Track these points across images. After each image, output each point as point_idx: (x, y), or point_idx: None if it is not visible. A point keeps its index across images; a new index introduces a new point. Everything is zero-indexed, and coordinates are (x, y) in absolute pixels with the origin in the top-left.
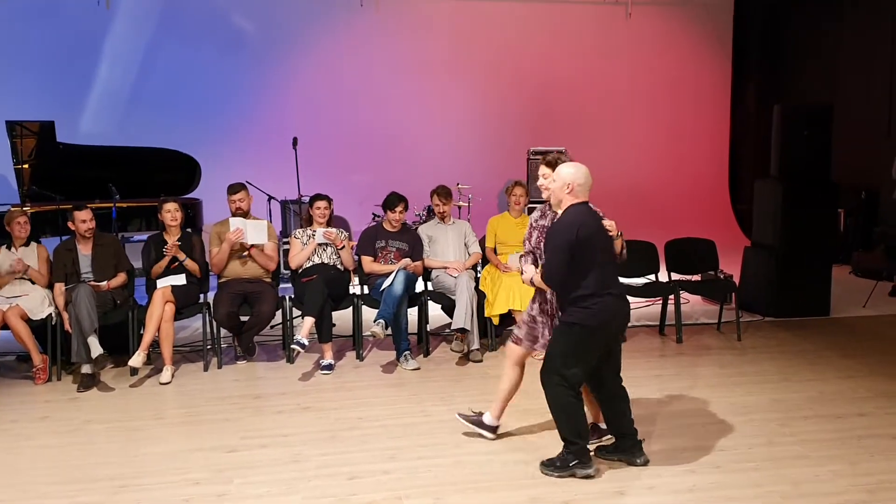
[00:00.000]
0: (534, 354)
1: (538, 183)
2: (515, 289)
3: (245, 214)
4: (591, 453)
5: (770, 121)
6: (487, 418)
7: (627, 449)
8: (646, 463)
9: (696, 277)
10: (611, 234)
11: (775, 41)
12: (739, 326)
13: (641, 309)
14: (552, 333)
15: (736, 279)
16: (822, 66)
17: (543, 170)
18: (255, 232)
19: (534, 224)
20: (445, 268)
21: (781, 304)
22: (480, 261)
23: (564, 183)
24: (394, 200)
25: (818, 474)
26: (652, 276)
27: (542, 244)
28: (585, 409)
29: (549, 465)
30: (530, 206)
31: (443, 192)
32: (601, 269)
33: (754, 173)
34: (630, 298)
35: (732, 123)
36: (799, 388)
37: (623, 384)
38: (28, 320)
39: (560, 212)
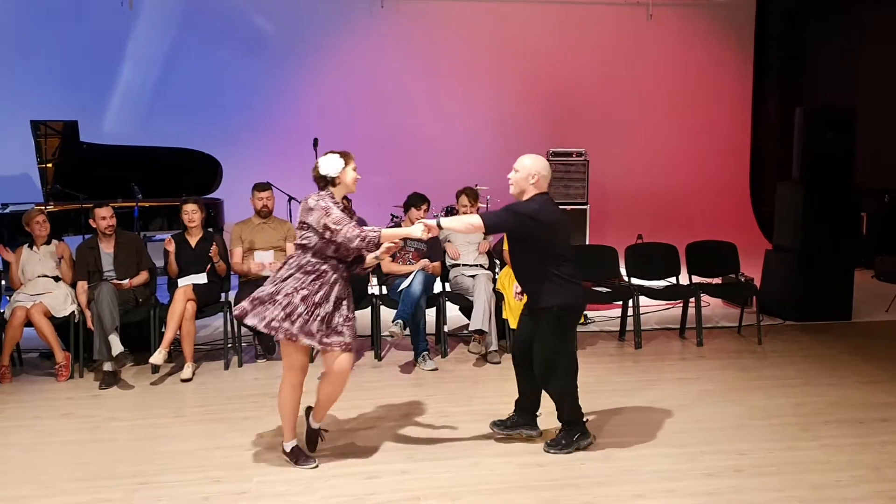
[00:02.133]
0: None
1: None
2: None
3: (269, 213)
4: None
5: (792, 123)
6: (287, 446)
7: (525, 423)
8: (540, 434)
9: (717, 280)
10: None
11: (798, 42)
12: (760, 330)
13: (662, 312)
14: (541, 329)
15: (757, 282)
16: (846, 68)
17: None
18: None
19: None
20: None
21: (803, 308)
22: (498, 262)
23: (529, 174)
24: (418, 199)
25: (840, 479)
26: (673, 279)
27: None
28: None
29: (556, 445)
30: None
31: (471, 194)
32: (569, 259)
33: (776, 176)
34: (650, 301)
35: (754, 125)
36: (820, 392)
37: None
38: (51, 318)
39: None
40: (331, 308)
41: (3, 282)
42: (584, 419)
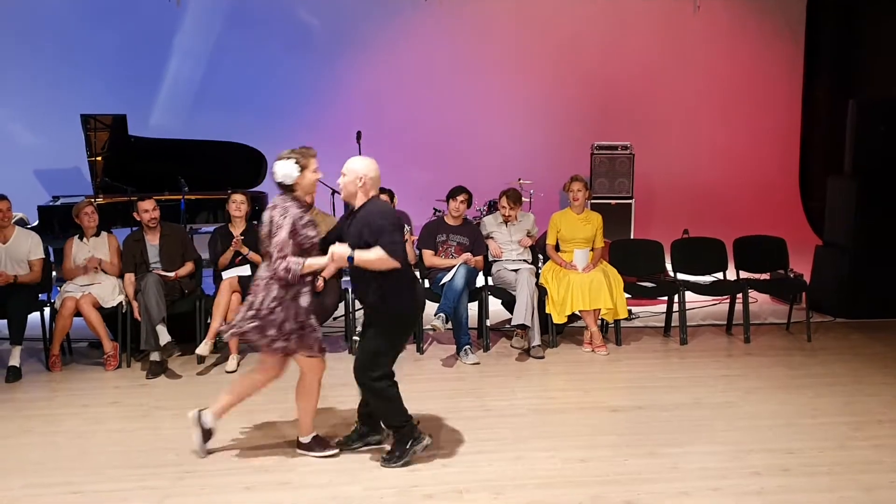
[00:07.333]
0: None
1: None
2: (586, 289)
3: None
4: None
5: (844, 115)
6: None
7: (369, 431)
8: (387, 437)
9: (766, 276)
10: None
11: (850, 32)
12: (809, 327)
13: (708, 307)
14: (371, 330)
15: (806, 278)
16: None
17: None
18: None
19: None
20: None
21: (854, 305)
22: (542, 257)
23: (357, 176)
24: (456, 190)
25: (893, 480)
26: (720, 274)
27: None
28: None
29: (391, 460)
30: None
31: (512, 196)
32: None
33: (827, 170)
34: (697, 296)
35: (804, 118)
36: (872, 391)
37: None
38: (100, 308)
39: (358, 205)
40: None
41: (54, 273)
42: (413, 420)
